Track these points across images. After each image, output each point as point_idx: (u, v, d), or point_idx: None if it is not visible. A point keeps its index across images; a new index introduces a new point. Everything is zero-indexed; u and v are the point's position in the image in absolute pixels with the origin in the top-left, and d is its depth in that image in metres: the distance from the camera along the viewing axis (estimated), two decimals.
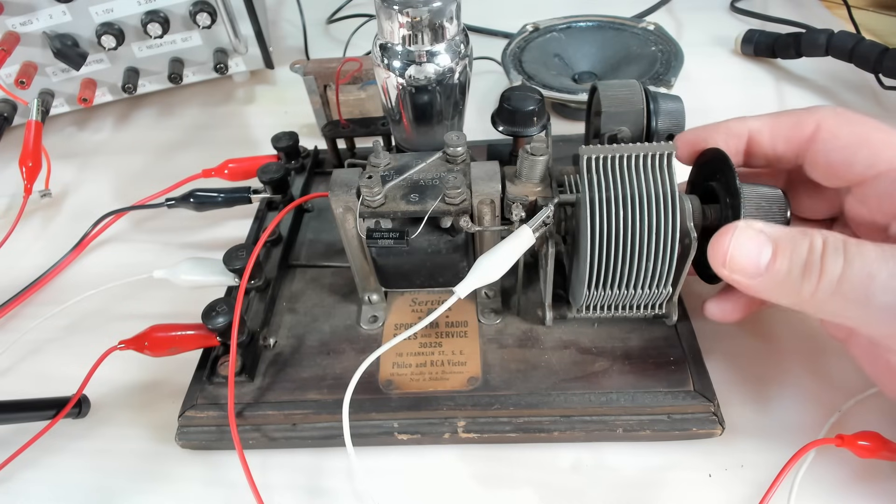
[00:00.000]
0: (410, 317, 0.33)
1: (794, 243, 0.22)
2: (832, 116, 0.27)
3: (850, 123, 0.26)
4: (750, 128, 0.28)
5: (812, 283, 0.22)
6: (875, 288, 0.21)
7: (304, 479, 0.29)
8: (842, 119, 0.26)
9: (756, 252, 0.23)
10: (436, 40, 0.29)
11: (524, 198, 0.29)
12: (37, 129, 0.46)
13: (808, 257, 0.22)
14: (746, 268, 0.23)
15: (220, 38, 0.52)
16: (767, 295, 0.24)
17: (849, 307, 0.22)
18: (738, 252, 0.23)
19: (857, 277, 0.21)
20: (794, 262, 0.22)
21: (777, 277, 0.22)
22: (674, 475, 0.28)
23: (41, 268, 0.41)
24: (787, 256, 0.22)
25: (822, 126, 0.27)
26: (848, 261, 0.21)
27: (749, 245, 0.23)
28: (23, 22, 0.46)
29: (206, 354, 0.32)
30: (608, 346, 0.31)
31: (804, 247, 0.22)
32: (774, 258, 0.22)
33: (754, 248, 0.23)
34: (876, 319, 0.22)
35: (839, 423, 0.29)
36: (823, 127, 0.26)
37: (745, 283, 0.23)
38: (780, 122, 0.28)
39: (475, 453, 0.30)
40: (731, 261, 0.23)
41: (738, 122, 0.29)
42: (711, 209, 0.28)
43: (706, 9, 0.65)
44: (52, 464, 0.31)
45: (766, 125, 0.28)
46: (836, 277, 0.21)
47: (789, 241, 0.22)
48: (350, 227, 0.30)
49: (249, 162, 0.42)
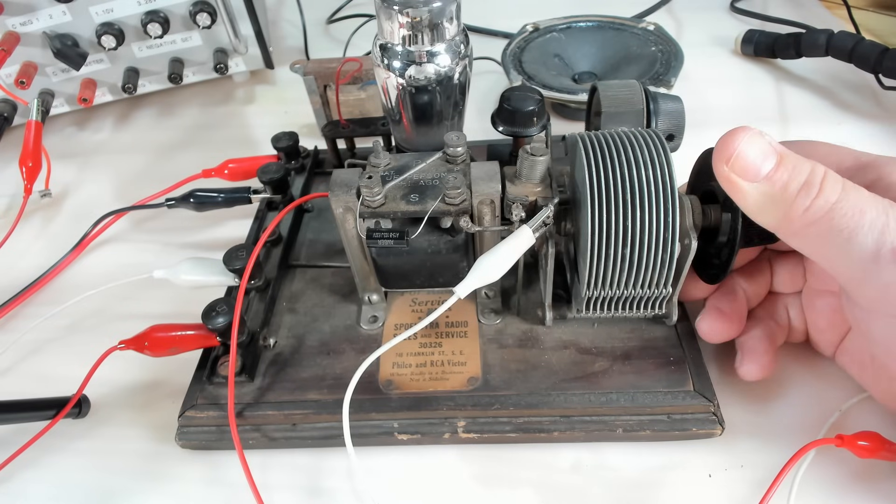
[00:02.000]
0: (410, 317, 0.33)
1: (798, 161, 0.23)
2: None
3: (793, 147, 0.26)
4: None
5: (806, 200, 0.22)
6: (863, 222, 0.21)
7: (304, 479, 0.29)
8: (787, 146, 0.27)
9: (761, 157, 0.23)
10: (436, 40, 0.29)
11: (524, 198, 0.29)
12: (37, 129, 0.46)
13: (809, 176, 0.22)
14: (747, 170, 0.23)
15: (220, 38, 0.52)
16: (757, 206, 0.24)
17: (831, 237, 0.22)
18: (744, 152, 0.23)
19: (849, 206, 0.22)
20: (795, 177, 0.22)
21: (774, 187, 0.23)
22: (674, 475, 0.28)
23: (41, 268, 0.41)
24: (788, 169, 0.23)
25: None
26: (845, 190, 0.22)
27: (756, 149, 0.23)
28: (23, 22, 0.46)
29: (206, 354, 0.32)
30: (608, 346, 0.31)
31: (807, 167, 0.23)
32: (777, 168, 0.23)
33: (760, 152, 0.23)
34: (851, 258, 0.22)
35: (838, 423, 0.29)
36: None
37: (741, 185, 0.23)
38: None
39: (475, 453, 0.30)
40: (735, 159, 0.23)
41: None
42: (711, 209, 0.28)
43: (706, 9, 0.65)
44: (52, 464, 0.31)
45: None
46: (831, 200, 0.22)
47: (794, 158, 0.23)
48: (350, 227, 0.30)
49: (249, 162, 0.42)
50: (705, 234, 0.28)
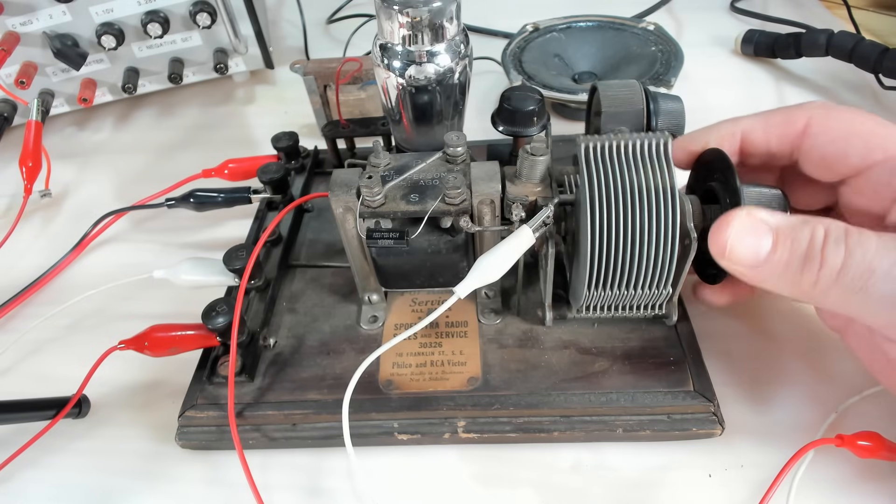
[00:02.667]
0: (410, 317, 0.33)
1: (794, 233, 0.22)
2: (821, 110, 0.27)
3: (839, 116, 0.26)
4: (742, 127, 0.28)
5: (812, 274, 0.22)
6: (876, 279, 0.21)
7: (304, 479, 0.29)
8: (831, 112, 0.27)
9: (756, 243, 0.22)
10: (436, 40, 0.29)
11: (524, 198, 0.29)
12: (37, 129, 0.46)
13: (808, 248, 0.22)
14: (746, 259, 0.23)
15: (220, 38, 0.52)
16: (767, 285, 0.23)
17: (849, 298, 0.22)
18: (737, 243, 0.23)
19: (857, 268, 0.21)
20: (795, 253, 0.22)
21: (777, 268, 0.22)
22: (674, 475, 0.28)
23: (41, 268, 0.41)
24: (787, 247, 0.22)
25: (812, 121, 0.27)
26: (849, 251, 0.21)
27: (749, 235, 0.23)
28: (23, 22, 0.46)
29: (206, 354, 0.32)
30: (608, 346, 0.31)
31: (805, 237, 0.22)
32: (775, 248, 0.22)
33: (754, 238, 0.22)
34: (876, 310, 0.22)
35: (838, 423, 0.29)
36: (814, 122, 0.27)
37: (745, 273, 0.23)
38: (771, 120, 0.28)
39: (475, 453, 0.30)
40: (730, 252, 0.23)
41: (730, 122, 0.29)
42: (711, 209, 0.28)
43: (706, 9, 0.65)
44: (52, 464, 0.31)
45: (758, 124, 0.28)
46: (836, 268, 0.21)
47: (790, 230, 0.22)
48: (350, 227, 0.30)
49: (249, 162, 0.42)
50: (705, 234, 0.28)
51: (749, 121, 0.29)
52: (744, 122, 0.29)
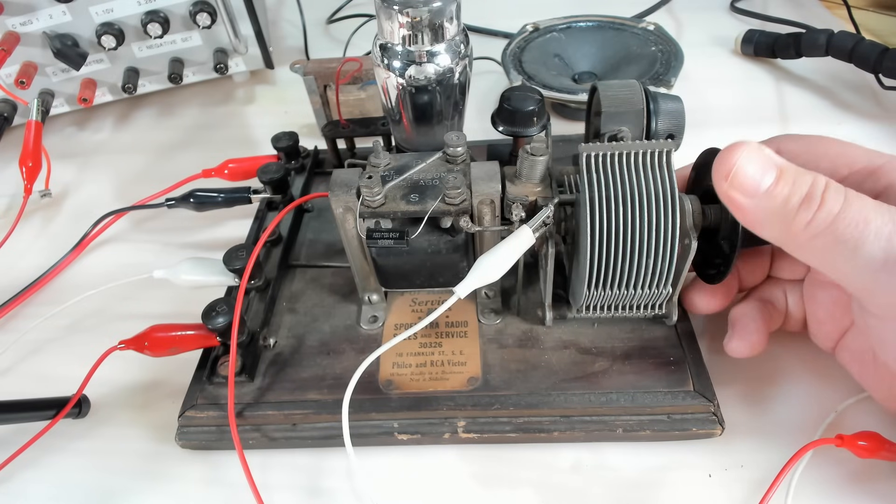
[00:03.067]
0: (410, 317, 0.33)
1: (798, 174, 0.22)
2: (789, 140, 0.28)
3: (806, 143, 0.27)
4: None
5: (809, 214, 0.22)
6: (868, 232, 0.21)
7: (304, 479, 0.29)
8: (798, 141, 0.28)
9: (760, 172, 0.23)
10: (436, 40, 0.29)
11: (524, 198, 0.29)
12: (37, 129, 0.46)
13: (810, 189, 0.22)
14: (747, 186, 0.23)
15: (220, 38, 0.52)
16: (759, 222, 0.23)
17: (836, 249, 0.22)
18: (743, 167, 0.23)
19: (853, 217, 0.21)
20: (795, 191, 0.22)
21: (775, 202, 0.22)
22: (674, 475, 0.28)
23: (41, 268, 0.41)
24: (789, 183, 0.22)
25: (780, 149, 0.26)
26: (848, 200, 0.22)
27: (755, 164, 0.23)
28: (23, 22, 0.46)
29: (206, 354, 0.32)
30: (608, 346, 0.31)
31: (808, 180, 0.22)
32: (777, 182, 0.22)
33: (759, 167, 0.23)
34: (859, 268, 0.22)
35: (838, 423, 0.29)
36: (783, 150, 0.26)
37: (742, 201, 0.23)
38: None
39: (475, 453, 0.30)
40: (734, 175, 0.23)
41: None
42: (711, 209, 0.28)
43: (706, 9, 0.65)
44: (52, 464, 0.31)
45: None
46: (834, 212, 0.21)
47: (794, 171, 0.23)
48: (350, 227, 0.30)
49: (249, 162, 0.42)
50: (705, 234, 0.28)
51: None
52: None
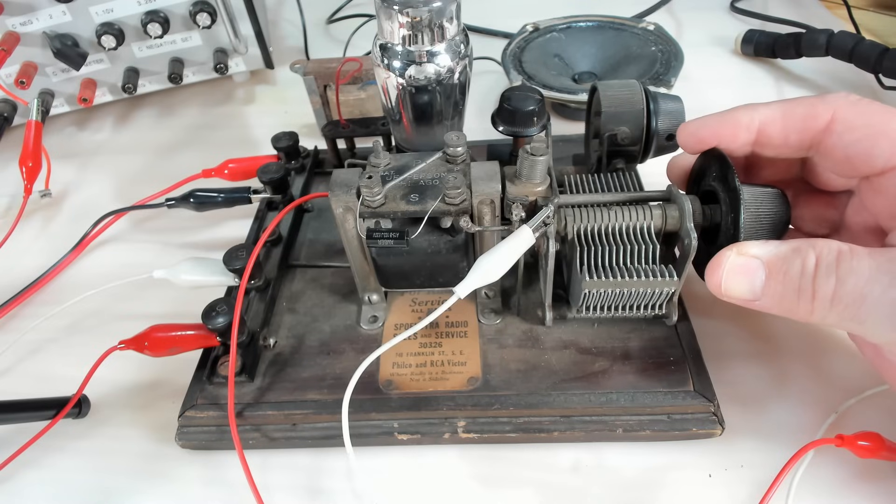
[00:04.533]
0: (410, 317, 0.33)
1: (786, 265, 0.23)
2: (848, 105, 0.25)
3: (866, 112, 0.25)
4: (761, 118, 0.27)
5: (807, 304, 0.22)
6: (868, 305, 0.21)
7: (304, 479, 0.29)
8: (857, 108, 0.25)
9: (749, 279, 0.23)
10: (436, 40, 0.29)
11: (524, 198, 0.29)
12: (37, 129, 0.46)
13: (800, 281, 0.22)
14: (742, 295, 0.24)
15: (220, 38, 0.52)
16: (769, 312, 0.24)
17: (845, 322, 0.22)
18: (731, 282, 0.23)
19: (849, 297, 0.21)
20: (788, 285, 0.22)
21: (773, 300, 0.23)
22: (674, 475, 0.28)
23: (41, 268, 0.41)
24: (779, 280, 0.23)
25: (837, 116, 0.25)
26: (840, 280, 0.21)
27: (741, 274, 0.23)
28: (23, 22, 0.46)
29: (206, 354, 0.32)
30: (608, 346, 0.31)
31: (797, 268, 0.22)
32: (768, 282, 0.23)
33: (747, 275, 0.23)
34: (873, 332, 0.22)
35: (838, 423, 0.29)
36: (839, 117, 0.25)
37: (745, 305, 0.24)
38: (792, 112, 0.26)
39: (475, 453, 0.30)
40: (726, 290, 0.24)
41: (747, 110, 0.27)
42: (711, 209, 0.28)
43: (706, 9, 0.65)
44: (52, 464, 0.31)
45: (777, 114, 0.26)
46: (829, 298, 0.22)
47: (782, 262, 0.23)
48: (350, 227, 0.30)
49: (249, 162, 0.42)
50: (705, 234, 0.28)
51: (768, 110, 0.26)
52: (762, 112, 0.27)
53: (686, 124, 0.29)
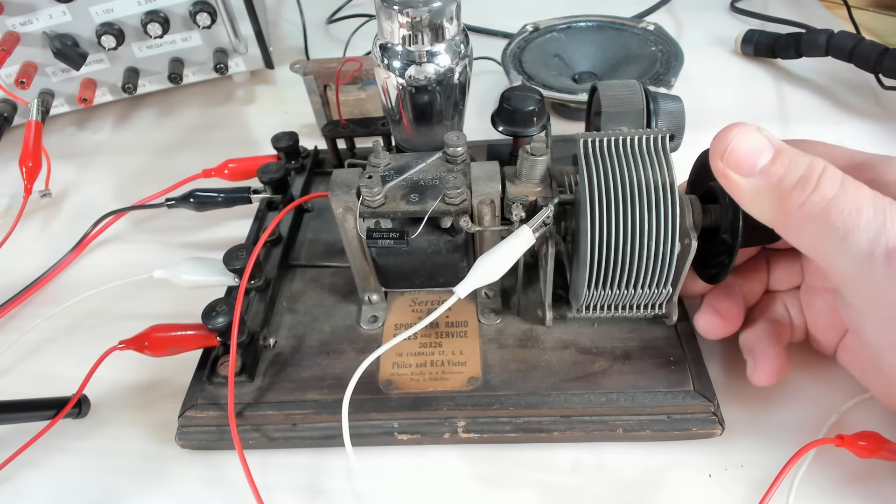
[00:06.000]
0: (410, 317, 0.33)
1: (795, 155, 0.22)
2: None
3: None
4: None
5: (803, 195, 0.22)
6: (859, 221, 0.21)
7: (304, 479, 0.29)
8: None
9: (757, 151, 0.22)
10: (436, 40, 0.29)
11: (524, 198, 0.29)
12: (37, 129, 0.46)
13: (806, 171, 0.22)
14: (743, 164, 0.23)
15: (220, 38, 0.52)
16: (753, 200, 0.23)
17: (827, 235, 0.22)
18: (739, 146, 0.23)
19: (846, 205, 0.21)
20: (791, 171, 0.22)
21: (770, 181, 0.22)
22: (674, 475, 0.28)
23: (41, 268, 0.41)
24: (785, 164, 0.22)
25: None
26: (844, 186, 0.21)
27: (752, 143, 0.23)
28: (23, 22, 0.46)
29: (206, 354, 0.32)
30: (608, 346, 0.31)
31: (805, 160, 0.22)
32: (773, 162, 0.22)
33: (756, 146, 0.23)
34: (845, 256, 0.22)
35: (838, 423, 0.29)
36: None
37: (737, 181, 0.23)
38: None
39: (475, 453, 0.30)
40: (730, 153, 0.23)
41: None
42: (711, 209, 0.28)
43: (706, 9, 0.65)
44: (52, 464, 0.31)
45: None
46: (828, 197, 0.21)
47: (791, 152, 0.23)
48: (350, 227, 0.30)
49: (249, 162, 0.42)
50: (705, 234, 0.28)
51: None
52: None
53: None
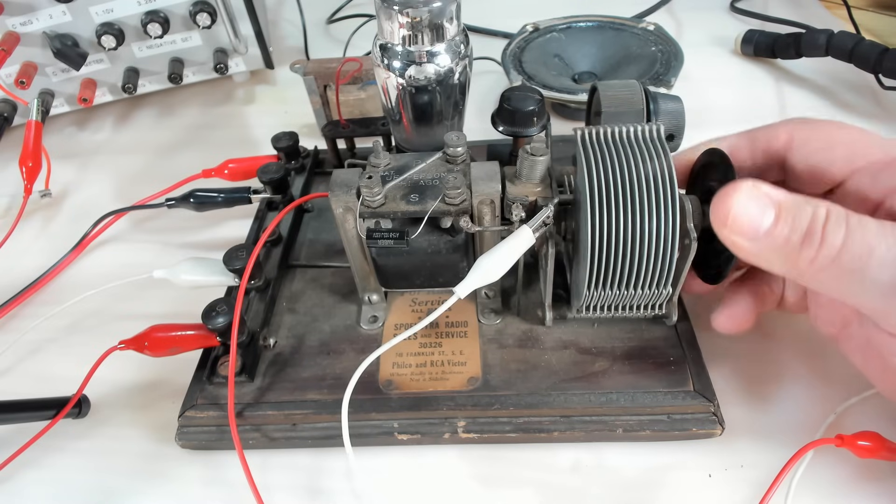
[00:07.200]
0: (410, 317, 0.33)
1: (797, 209, 0.22)
2: (802, 124, 0.28)
3: (820, 127, 0.27)
4: (728, 146, 0.29)
5: (812, 251, 0.22)
6: (873, 261, 0.21)
7: (304, 479, 0.29)
8: (812, 125, 0.28)
9: (758, 214, 0.22)
10: (436, 40, 0.29)
11: (524, 198, 0.29)
12: (37, 129, 0.46)
13: (810, 225, 0.22)
14: (747, 230, 0.23)
15: (220, 38, 0.52)
16: (764, 259, 0.23)
17: (844, 279, 0.22)
18: (740, 212, 0.22)
19: (856, 249, 0.21)
20: (796, 229, 0.22)
21: (776, 242, 0.22)
22: (674, 475, 0.28)
23: (41, 268, 0.41)
24: (788, 222, 0.22)
25: (794, 134, 0.28)
26: (849, 231, 0.21)
27: (752, 207, 0.22)
28: (23, 22, 0.46)
29: (206, 354, 0.32)
30: (608, 346, 0.31)
31: (807, 214, 0.22)
32: (776, 222, 0.22)
33: (757, 210, 0.22)
34: (870, 294, 0.22)
35: (837, 423, 0.29)
36: (796, 135, 0.27)
37: (744, 245, 0.23)
38: (755, 137, 0.29)
39: (475, 453, 0.30)
40: (732, 221, 0.23)
41: (715, 142, 0.30)
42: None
43: (706, 9, 0.65)
44: (52, 464, 0.31)
45: (742, 141, 0.29)
46: (837, 247, 0.21)
47: (793, 206, 0.22)
48: (350, 227, 0.30)
49: (249, 162, 0.42)
50: (705, 234, 0.28)
51: (733, 139, 0.29)
52: (728, 141, 0.29)
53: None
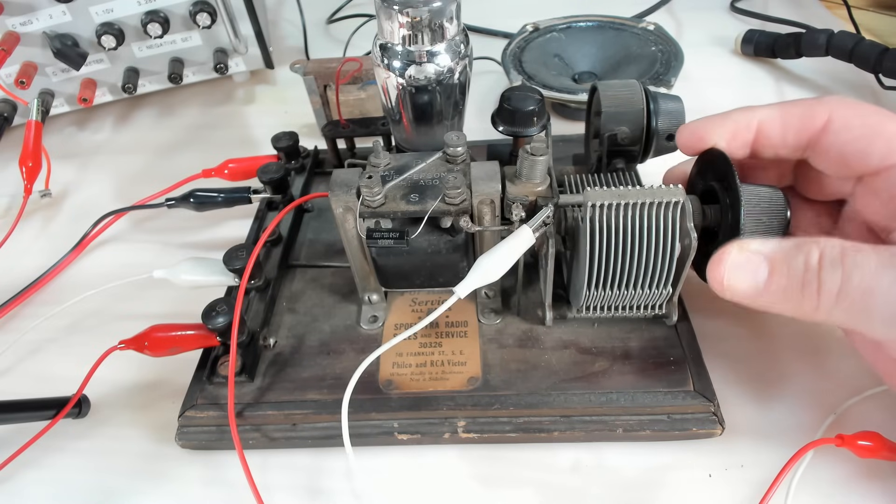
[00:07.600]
0: (410, 317, 0.33)
1: (789, 260, 0.22)
2: (844, 107, 0.26)
3: (862, 113, 0.25)
4: (759, 118, 0.27)
5: (812, 299, 0.22)
6: (875, 300, 0.21)
7: (304, 479, 0.29)
8: (854, 109, 0.26)
9: (752, 275, 0.23)
10: (436, 40, 0.29)
11: (524, 198, 0.29)
12: (37, 129, 0.46)
13: (804, 274, 0.22)
14: (745, 291, 0.23)
15: (220, 38, 0.52)
16: (772, 310, 0.24)
17: (851, 318, 0.22)
18: (733, 278, 0.23)
19: (856, 291, 0.21)
20: (792, 280, 0.22)
21: (776, 296, 0.23)
22: (674, 475, 0.28)
23: (41, 268, 0.41)
24: (783, 274, 0.22)
25: (834, 116, 0.26)
26: (846, 274, 0.21)
27: (744, 269, 0.23)
28: (23, 22, 0.46)
29: (206, 354, 0.32)
30: (608, 346, 0.31)
31: (800, 263, 0.22)
32: (771, 277, 0.23)
33: (749, 271, 0.23)
34: (880, 328, 0.22)
35: (838, 423, 0.29)
36: (836, 118, 0.26)
37: (749, 303, 0.24)
38: (790, 112, 0.27)
39: (475, 453, 0.30)
40: (728, 287, 0.23)
41: (745, 112, 0.28)
42: (711, 209, 0.28)
43: (706, 9, 0.65)
44: (52, 464, 0.31)
45: (776, 115, 0.27)
46: (835, 291, 0.21)
47: (785, 257, 0.22)
48: (350, 227, 0.30)
49: (249, 162, 0.42)
50: (705, 234, 0.28)
51: (767, 111, 0.27)
52: (761, 112, 0.27)
53: (686, 124, 0.29)
